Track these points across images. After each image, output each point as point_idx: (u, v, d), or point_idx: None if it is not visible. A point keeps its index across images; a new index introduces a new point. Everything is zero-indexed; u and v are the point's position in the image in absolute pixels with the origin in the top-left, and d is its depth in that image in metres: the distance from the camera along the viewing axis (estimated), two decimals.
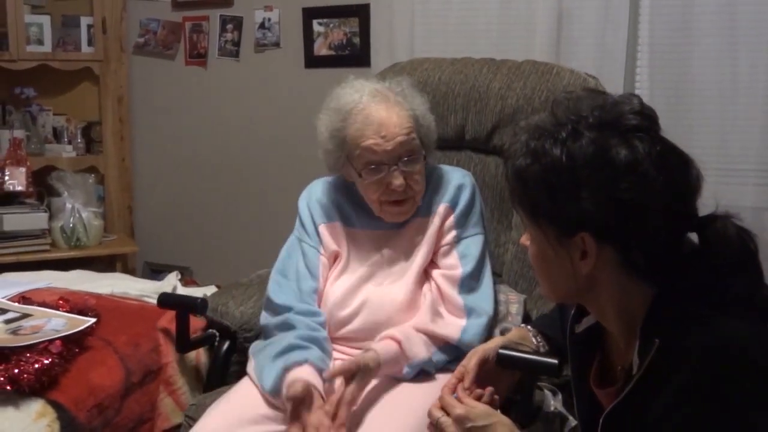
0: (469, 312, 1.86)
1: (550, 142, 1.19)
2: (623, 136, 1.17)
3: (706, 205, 1.22)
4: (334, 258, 2.00)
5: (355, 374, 1.68)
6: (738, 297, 1.16)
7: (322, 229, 2.00)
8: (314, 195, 2.05)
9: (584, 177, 1.16)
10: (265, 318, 1.95)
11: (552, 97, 2.13)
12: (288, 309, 1.89)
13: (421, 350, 1.80)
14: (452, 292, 1.88)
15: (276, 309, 1.92)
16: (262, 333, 1.96)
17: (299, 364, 1.75)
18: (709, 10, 2.82)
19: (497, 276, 2.16)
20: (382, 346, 1.77)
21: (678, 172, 1.18)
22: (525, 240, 1.33)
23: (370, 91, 1.87)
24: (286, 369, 1.74)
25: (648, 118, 1.20)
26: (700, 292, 1.16)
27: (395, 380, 1.79)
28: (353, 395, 1.67)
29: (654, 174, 1.15)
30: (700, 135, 2.85)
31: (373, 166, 1.84)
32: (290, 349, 1.79)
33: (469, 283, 1.89)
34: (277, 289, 1.95)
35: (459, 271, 1.89)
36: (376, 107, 1.84)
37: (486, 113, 2.26)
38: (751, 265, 1.19)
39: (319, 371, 1.75)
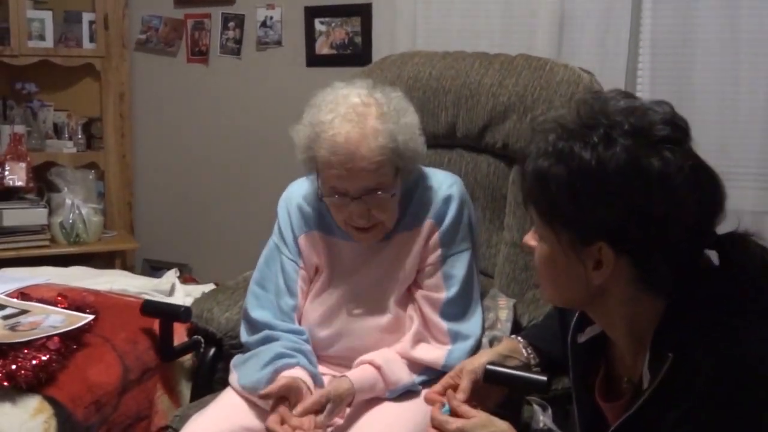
0: (454, 337, 1.79)
1: (580, 145, 1.14)
2: (654, 147, 1.12)
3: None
4: (315, 270, 1.91)
5: (325, 405, 1.65)
6: (757, 313, 1.13)
7: (302, 240, 1.89)
8: (294, 200, 1.93)
9: (613, 186, 1.11)
10: (245, 334, 1.89)
11: (546, 93, 2.10)
12: (268, 327, 1.84)
13: (403, 375, 1.76)
14: (435, 317, 1.80)
15: (255, 325, 1.86)
16: (244, 349, 1.90)
17: (291, 366, 1.74)
18: (711, 12, 2.82)
19: (489, 278, 2.13)
20: (358, 375, 1.72)
21: (707, 189, 1.15)
22: (530, 240, 1.28)
23: (345, 110, 1.69)
24: (277, 371, 1.73)
25: (679, 129, 1.16)
26: (717, 306, 1.13)
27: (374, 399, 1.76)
28: (320, 425, 1.62)
29: (685, 189, 1.11)
30: (700, 137, 2.74)
31: (336, 195, 1.73)
32: (279, 356, 1.76)
33: (453, 308, 1.81)
34: (255, 304, 1.88)
35: (442, 295, 1.81)
36: (347, 135, 1.66)
37: (477, 110, 2.19)
38: None
39: (311, 375, 1.74)
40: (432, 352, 1.79)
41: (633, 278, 1.17)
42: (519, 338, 1.62)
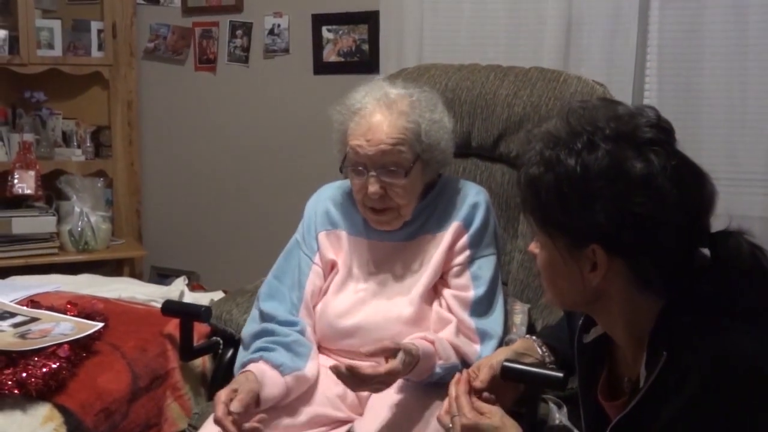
0: (481, 336, 1.82)
1: (565, 152, 1.18)
2: (638, 149, 1.16)
3: (717, 215, 1.21)
4: (331, 267, 1.97)
5: (396, 354, 1.64)
6: (748, 311, 1.15)
7: (322, 237, 1.98)
8: (322, 200, 2.03)
9: (598, 189, 1.15)
10: (247, 324, 1.94)
11: (559, 104, 2.13)
12: (271, 318, 1.88)
13: (452, 354, 1.78)
14: (463, 315, 1.84)
15: (261, 314, 1.91)
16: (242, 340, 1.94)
17: (254, 361, 1.78)
18: (718, 18, 2.82)
19: (503, 285, 2.14)
20: (419, 342, 1.73)
21: (693, 188, 1.17)
22: (534, 248, 1.32)
23: (380, 95, 1.85)
24: (242, 365, 1.79)
25: (664, 131, 1.20)
26: (709, 305, 1.16)
27: (413, 390, 1.77)
28: (393, 368, 1.62)
29: (668, 189, 1.14)
30: (708, 144, 2.85)
31: (359, 168, 1.83)
32: (254, 351, 1.81)
33: (480, 306, 1.85)
34: (266, 295, 1.94)
35: (471, 294, 1.85)
36: (373, 110, 1.82)
37: (492, 121, 2.23)
38: (762, 282, 1.17)
39: (276, 367, 1.76)
40: (468, 347, 1.81)
41: (629, 279, 1.20)
42: (533, 337, 1.65)
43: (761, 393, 1.09)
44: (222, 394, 1.67)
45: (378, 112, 1.81)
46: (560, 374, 1.52)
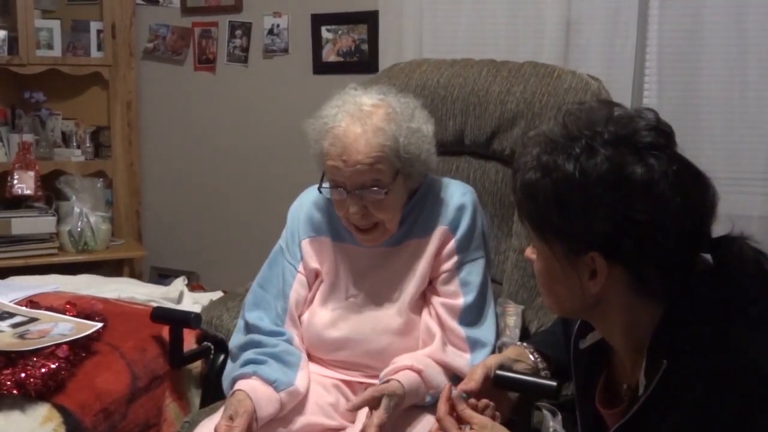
0: (472, 345, 1.78)
1: (563, 157, 1.15)
2: (638, 154, 1.13)
3: (718, 216, 1.19)
4: (315, 276, 1.92)
5: (380, 401, 1.63)
6: (751, 316, 1.13)
7: (305, 244, 1.91)
8: (305, 205, 1.96)
9: (597, 195, 1.12)
10: (235, 335, 1.91)
11: (553, 100, 2.10)
12: (257, 329, 1.85)
13: (441, 379, 1.73)
14: (453, 324, 1.79)
15: (245, 327, 1.89)
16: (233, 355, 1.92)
17: (246, 376, 1.75)
18: (718, 18, 2.82)
19: (498, 284, 2.13)
20: (404, 377, 1.70)
21: (694, 193, 1.15)
22: (530, 253, 1.29)
23: (353, 109, 1.75)
24: (234, 380, 1.76)
25: (664, 134, 1.17)
26: (711, 311, 1.14)
27: (414, 409, 1.74)
28: (381, 420, 1.61)
29: (670, 194, 1.12)
30: (708, 143, 2.85)
31: (338, 188, 1.76)
32: (244, 363, 1.79)
33: (470, 314, 1.80)
34: (252, 305, 1.90)
35: (460, 301, 1.80)
36: (347, 128, 1.72)
37: (485, 118, 2.19)
38: (765, 287, 1.15)
39: (270, 383, 1.74)
40: (458, 359, 1.78)
41: (628, 286, 1.18)
42: (525, 344, 1.62)
43: (765, 399, 1.07)
44: (221, 427, 1.63)
45: (352, 129, 1.72)
46: (553, 383, 1.50)
